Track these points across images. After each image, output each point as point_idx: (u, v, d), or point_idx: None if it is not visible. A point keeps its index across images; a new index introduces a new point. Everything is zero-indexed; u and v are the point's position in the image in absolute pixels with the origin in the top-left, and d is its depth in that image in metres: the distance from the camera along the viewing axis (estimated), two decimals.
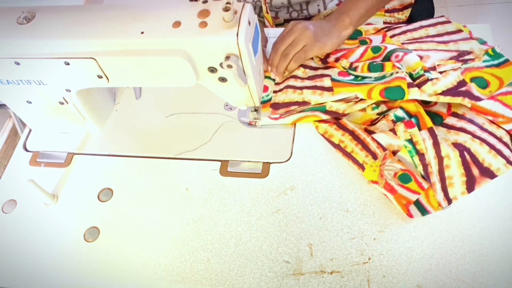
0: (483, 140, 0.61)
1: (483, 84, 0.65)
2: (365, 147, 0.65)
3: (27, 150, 0.76)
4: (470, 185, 0.59)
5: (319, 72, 0.73)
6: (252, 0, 0.89)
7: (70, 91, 0.65)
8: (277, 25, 0.94)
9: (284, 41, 0.72)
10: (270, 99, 0.73)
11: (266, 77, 0.75)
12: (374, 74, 0.69)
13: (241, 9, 0.54)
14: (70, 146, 0.75)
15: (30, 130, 0.78)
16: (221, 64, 0.56)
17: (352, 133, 0.67)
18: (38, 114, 0.72)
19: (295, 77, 0.74)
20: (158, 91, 0.79)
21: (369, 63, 0.70)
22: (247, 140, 0.70)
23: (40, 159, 0.74)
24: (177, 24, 0.55)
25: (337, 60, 0.74)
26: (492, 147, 0.61)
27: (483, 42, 0.71)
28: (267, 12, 0.88)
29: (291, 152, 0.68)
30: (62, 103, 0.68)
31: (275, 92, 0.74)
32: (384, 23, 0.90)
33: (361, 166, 0.64)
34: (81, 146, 0.75)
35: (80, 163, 0.73)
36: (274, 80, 0.75)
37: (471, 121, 0.63)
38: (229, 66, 0.54)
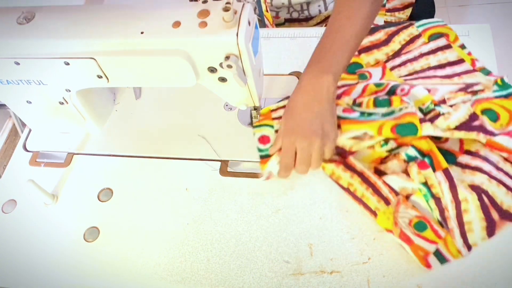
0: (499, 181, 0.59)
1: (493, 117, 0.62)
2: (377, 191, 0.61)
3: (27, 150, 0.76)
4: (491, 230, 0.57)
5: None
6: (253, 0, 0.89)
7: (70, 91, 0.65)
8: (278, 25, 0.94)
9: (283, 165, 0.62)
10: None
11: (267, 125, 0.68)
12: (382, 110, 0.64)
13: (241, 9, 0.54)
14: (70, 146, 0.75)
15: (30, 130, 0.78)
16: (221, 64, 0.56)
17: (361, 175, 0.62)
18: (38, 114, 0.72)
19: None
20: (158, 91, 0.79)
21: (374, 98, 0.66)
22: (247, 140, 0.70)
23: (40, 159, 0.74)
24: (177, 24, 0.55)
25: (338, 97, 0.69)
26: (508, 188, 0.58)
27: (487, 73, 0.68)
28: (267, 11, 0.87)
29: None
30: (62, 103, 0.68)
31: None
32: (385, 22, 0.90)
33: (373, 213, 0.60)
34: (81, 146, 0.75)
35: (80, 163, 0.73)
36: (274, 128, 0.68)
37: (486, 159, 0.60)
38: (229, 66, 0.54)
